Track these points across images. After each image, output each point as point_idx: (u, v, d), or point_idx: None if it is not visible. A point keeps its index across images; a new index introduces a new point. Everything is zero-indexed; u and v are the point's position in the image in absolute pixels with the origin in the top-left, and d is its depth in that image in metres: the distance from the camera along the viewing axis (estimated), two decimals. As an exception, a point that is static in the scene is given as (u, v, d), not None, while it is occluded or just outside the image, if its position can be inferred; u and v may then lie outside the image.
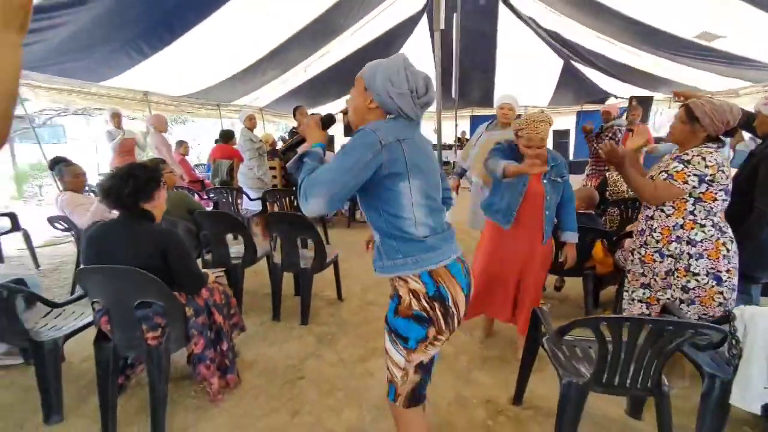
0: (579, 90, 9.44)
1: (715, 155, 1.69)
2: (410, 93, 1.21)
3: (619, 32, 5.40)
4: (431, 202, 1.23)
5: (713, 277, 1.74)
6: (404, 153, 1.16)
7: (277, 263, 2.92)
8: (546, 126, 2.01)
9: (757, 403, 1.40)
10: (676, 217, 1.79)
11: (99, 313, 1.81)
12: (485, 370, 2.32)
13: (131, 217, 1.78)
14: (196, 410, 2.01)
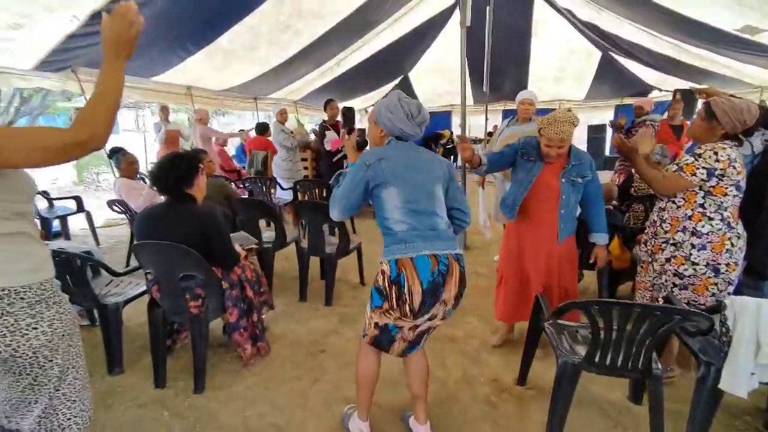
0: (618, 83, 9.08)
1: (729, 151, 1.74)
2: (406, 116, 1.55)
3: (660, 24, 5.23)
4: (411, 205, 1.50)
5: (712, 269, 1.80)
6: (383, 168, 1.50)
7: (304, 248, 3.18)
8: (568, 127, 1.97)
9: (744, 389, 1.48)
10: (685, 209, 1.86)
11: (151, 283, 2.12)
12: (494, 353, 2.47)
13: (176, 200, 2.07)
14: (230, 372, 2.29)
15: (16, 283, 1.08)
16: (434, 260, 1.47)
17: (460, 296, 1.56)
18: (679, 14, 4.50)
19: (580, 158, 2.11)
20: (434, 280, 1.47)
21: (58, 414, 1.21)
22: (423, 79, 9.67)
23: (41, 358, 1.14)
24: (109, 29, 1.03)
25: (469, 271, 3.80)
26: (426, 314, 1.52)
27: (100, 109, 1.03)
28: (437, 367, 2.32)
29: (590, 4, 5.94)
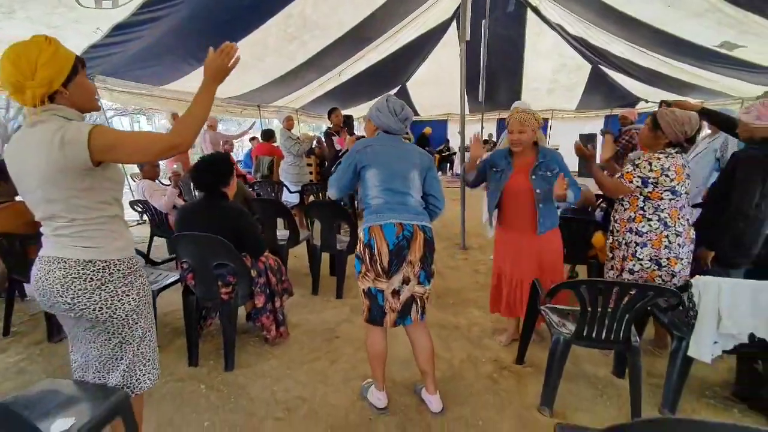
0: (608, 94, 9.53)
1: (663, 161, 2.02)
2: (390, 114, 1.88)
3: (645, 40, 5.63)
4: (387, 184, 1.84)
5: (655, 263, 2.10)
6: (368, 153, 1.86)
7: (316, 245, 3.43)
8: (523, 114, 2.21)
9: (708, 355, 1.76)
10: (630, 211, 2.17)
11: (186, 272, 2.35)
12: (494, 338, 2.73)
13: (212, 197, 2.32)
14: (255, 354, 2.53)
15: (114, 257, 1.34)
16: (400, 227, 1.79)
17: (426, 259, 1.84)
18: (662, 31, 4.89)
19: (545, 155, 2.28)
20: (399, 243, 1.78)
21: (136, 370, 1.45)
22: (420, 89, 10.05)
23: (131, 320, 1.39)
24: (213, 61, 1.32)
25: (470, 269, 4.11)
26: (397, 273, 1.81)
27: (193, 120, 1.30)
28: (444, 350, 2.58)
29: (580, 21, 6.34)
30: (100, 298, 1.31)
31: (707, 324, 1.76)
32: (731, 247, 2.18)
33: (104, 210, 1.32)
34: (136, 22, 3.87)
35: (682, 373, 1.90)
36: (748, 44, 4.38)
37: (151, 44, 4.38)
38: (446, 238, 5.12)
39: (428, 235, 1.86)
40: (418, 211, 1.86)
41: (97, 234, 1.31)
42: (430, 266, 1.89)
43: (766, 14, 3.53)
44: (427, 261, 1.85)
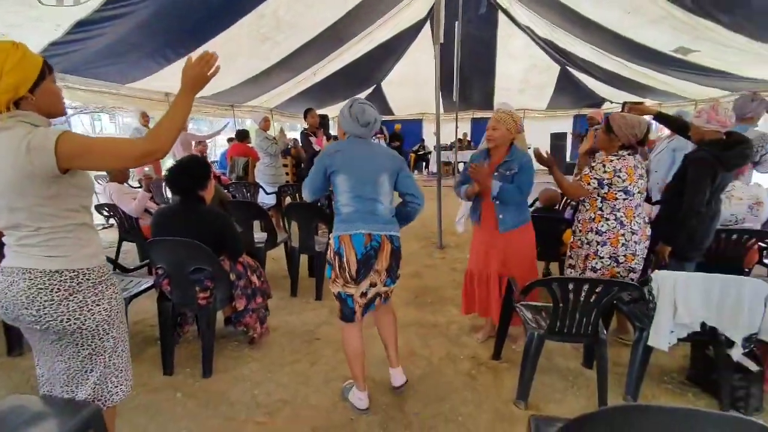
0: (576, 95, 9.91)
1: (615, 163, 2.16)
2: (352, 119, 1.89)
3: (606, 44, 5.90)
4: (356, 191, 1.87)
5: (613, 260, 2.24)
6: (336, 159, 1.88)
7: (294, 247, 3.43)
8: (499, 114, 2.32)
9: (665, 344, 1.90)
10: (590, 212, 2.31)
11: (161, 277, 2.32)
12: (472, 336, 2.82)
13: (189, 200, 2.29)
14: (234, 359, 2.52)
15: (82, 265, 1.31)
16: (368, 237, 1.85)
17: (393, 267, 1.94)
18: (622, 36, 5.14)
19: (512, 156, 2.33)
20: (366, 252, 1.85)
21: (107, 382, 1.42)
22: (395, 88, 10.13)
23: (101, 330, 1.36)
24: (192, 69, 1.31)
25: (447, 268, 4.20)
26: (365, 279, 1.90)
27: (169, 127, 1.29)
28: (423, 348, 2.65)
29: (547, 24, 6.57)
30: (68, 309, 1.28)
31: (665, 315, 1.89)
32: (686, 242, 2.35)
33: (71, 218, 1.29)
34: (99, 19, 3.74)
35: (643, 362, 2.04)
36: (701, 49, 4.66)
37: (115, 41, 4.23)
38: (423, 237, 5.20)
39: (395, 245, 1.92)
40: (387, 219, 1.91)
41: (65, 242, 1.27)
42: (396, 272, 1.99)
43: (717, 20, 3.78)
44: (393, 269, 1.94)
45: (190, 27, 4.66)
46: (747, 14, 3.44)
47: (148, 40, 4.60)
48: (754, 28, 3.64)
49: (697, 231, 2.32)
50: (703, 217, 2.29)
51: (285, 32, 5.49)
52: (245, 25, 4.92)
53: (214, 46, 5.02)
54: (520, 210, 2.41)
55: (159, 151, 1.27)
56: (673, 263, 2.39)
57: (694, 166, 2.27)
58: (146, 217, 3.55)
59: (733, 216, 2.68)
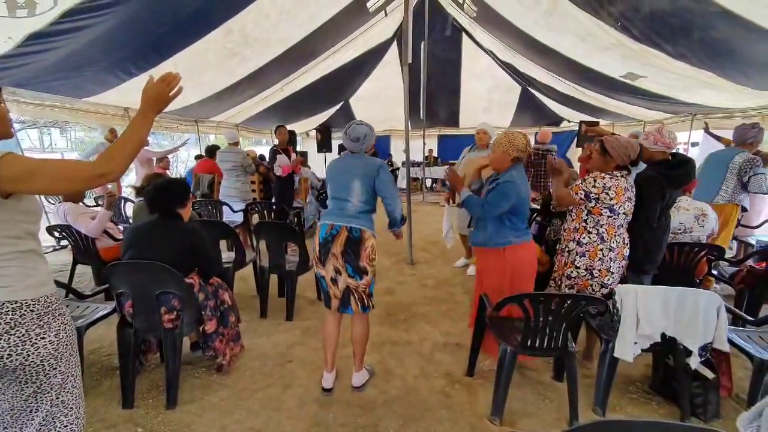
0: (536, 113, 10.40)
1: (605, 181, 2.28)
2: (346, 136, 2.32)
3: (562, 70, 6.27)
4: (334, 193, 2.33)
5: (589, 273, 2.36)
6: (327, 171, 2.41)
7: (264, 266, 3.34)
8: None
9: (630, 355, 1.99)
10: (575, 223, 2.43)
11: (123, 301, 2.19)
12: (445, 352, 2.84)
13: (166, 218, 2.24)
14: (201, 387, 2.39)
15: (26, 296, 1.22)
16: (330, 226, 2.25)
17: (348, 254, 2.21)
18: (576, 62, 5.48)
19: (502, 175, 2.38)
20: (326, 237, 2.25)
21: (56, 422, 1.31)
22: (363, 105, 10.24)
23: (47, 366, 1.26)
24: (153, 89, 1.27)
25: (418, 284, 4.23)
26: (327, 262, 2.24)
27: (123, 149, 1.23)
28: (398, 367, 2.63)
29: (508, 49, 6.91)
30: (9, 344, 1.18)
31: (628, 327, 1.99)
32: (640, 255, 2.49)
33: (15, 245, 1.21)
34: (55, 32, 3.56)
35: (610, 373, 2.13)
36: (647, 75, 5.04)
37: (72, 54, 4.04)
38: (394, 253, 5.22)
39: (353, 235, 2.21)
40: (352, 214, 2.26)
41: (7, 272, 1.19)
42: (356, 261, 2.22)
43: (662, 49, 4.11)
44: (349, 256, 2.22)
45: (154, 41, 4.54)
46: (687, 44, 3.77)
47: (109, 54, 4.43)
48: (694, 57, 3.99)
49: (650, 244, 2.48)
50: (655, 231, 2.45)
51: (253, 47, 5.46)
52: (212, 41, 4.84)
53: (179, 60, 4.91)
54: (498, 231, 2.36)
55: (112, 173, 1.22)
56: (631, 276, 2.53)
57: (645, 184, 2.43)
58: (103, 238, 3.36)
59: (682, 225, 2.88)
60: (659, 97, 5.57)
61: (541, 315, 1.99)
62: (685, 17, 3.34)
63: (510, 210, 2.32)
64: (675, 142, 2.44)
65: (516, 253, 2.38)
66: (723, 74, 4.15)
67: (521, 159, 2.38)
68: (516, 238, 2.37)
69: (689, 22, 3.38)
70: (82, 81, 4.77)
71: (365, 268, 2.24)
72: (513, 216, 2.35)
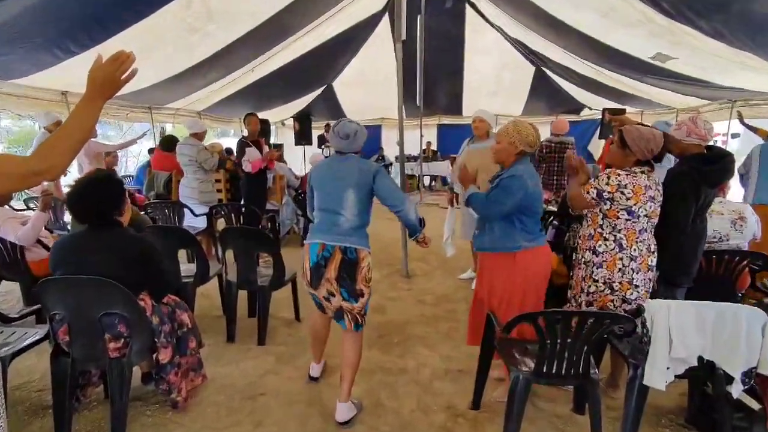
0: (552, 99, 10.49)
1: (621, 178, 2.31)
2: (334, 134, 2.37)
3: (581, 50, 6.35)
4: (322, 204, 2.38)
5: (608, 287, 2.38)
6: (312, 176, 2.49)
7: (231, 281, 3.31)
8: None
9: (662, 382, 2.00)
10: (590, 229, 2.45)
11: (58, 324, 2.15)
12: (446, 380, 2.84)
13: (103, 226, 2.17)
14: (153, 426, 2.36)
15: None
16: (322, 247, 2.30)
17: (343, 279, 2.27)
18: (598, 41, 5.55)
19: (509, 170, 2.41)
20: (317, 261, 2.30)
21: None
22: (349, 89, 10.25)
23: None
24: (101, 70, 1.24)
25: (414, 300, 4.23)
26: (318, 286, 2.34)
27: (65, 143, 1.20)
28: (391, 399, 2.62)
29: (518, 25, 6.96)
30: None
31: (660, 349, 2.00)
32: (672, 265, 2.52)
33: None
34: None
35: (640, 403, 2.13)
36: (679, 56, 5.13)
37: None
38: (386, 264, 5.22)
39: (348, 256, 2.27)
40: (345, 231, 2.30)
41: None
42: (352, 285, 2.30)
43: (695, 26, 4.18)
44: (345, 280, 2.28)
45: (99, 14, 4.50)
46: (724, 20, 3.85)
47: (43, 29, 4.37)
48: (731, 35, 4.07)
49: (683, 252, 2.50)
50: (688, 237, 2.47)
51: (217, 22, 5.43)
52: (169, 13, 4.81)
53: (129, 37, 4.86)
54: (507, 233, 2.40)
55: (51, 171, 1.19)
56: (663, 289, 2.55)
57: (677, 181, 2.46)
58: (34, 249, 3.30)
59: (717, 232, 2.92)
60: (694, 81, 5.67)
61: (558, 336, 1.99)
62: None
63: (519, 209, 2.36)
64: (711, 134, 2.48)
65: (527, 259, 2.41)
66: (765, 55, 4.23)
67: (528, 154, 2.42)
68: (528, 242, 2.40)
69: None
70: (9, 60, 4.70)
71: (362, 290, 2.32)
72: (524, 216, 2.39)
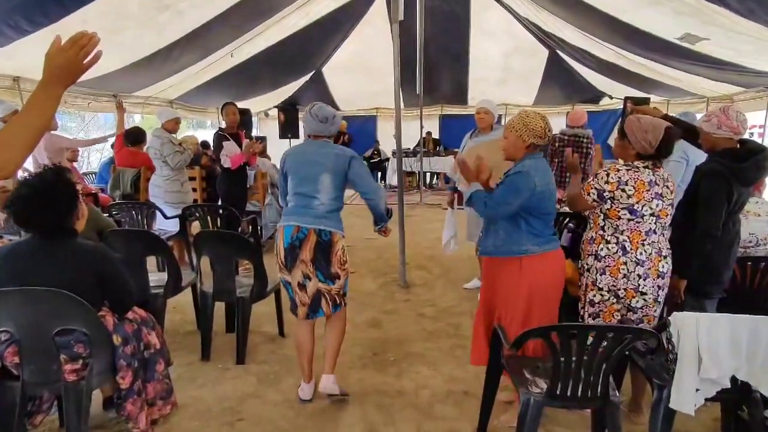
0: (568, 87, 10.50)
1: (621, 173, 2.32)
2: (312, 117, 2.67)
3: (601, 30, 6.38)
4: (297, 188, 2.67)
5: (613, 294, 2.39)
6: (286, 161, 2.78)
7: (206, 291, 3.30)
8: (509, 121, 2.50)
9: (690, 406, 2.00)
10: (592, 231, 2.47)
11: (4, 345, 2.13)
12: (448, 404, 2.84)
13: (54, 235, 2.15)
14: (118, 459, 2.34)
15: None
16: (296, 229, 2.58)
17: (318, 261, 2.59)
18: (618, 20, 5.58)
19: (517, 166, 2.45)
20: (292, 243, 2.59)
21: None
22: (340, 76, 10.27)
23: None
24: (60, 54, 1.22)
25: (413, 313, 4.25)
26: (293, 268, 2.62)
27: (20, 136, 1.19)
28: (386, 425, 2.62)
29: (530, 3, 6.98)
30: None
31: (687, 368, 2.00)
32: (701, 273, 2.53)
33: None
34: None
35: (665, 430, 2.14)
36: (710, 37, 5.16)
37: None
38: (382, 272, 5.22)
39: (323, 238, 2.59)
40: (320, 214, 2.61)
41: None
42: (328, 268, 2.62)
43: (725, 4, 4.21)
44: (320, 263, 2.60)
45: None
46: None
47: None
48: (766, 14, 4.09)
49: (713, 259, 2.51)
50: (719, 243, 2.48)
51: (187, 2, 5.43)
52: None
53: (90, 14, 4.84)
54: (512, 235, 2.42)
55: (5, 168, 1.17)
56: (690, 301, 2.56)
57: (706, 180, 2.46)
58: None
59: (753, 236, 2.93)
60: (726, 65, 5.70)
61: (574, 353, 1.99)
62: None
63: (527, 210, 2.37)
64: (745, 126, 2.49)
65: (535, 265, 2.41)
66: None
67: (540, 146, 2.44)
68: (536, 246, 2.41)
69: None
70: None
71: (337, 273, 2.66)
72: (532, 217, 2.40)
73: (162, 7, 5.40)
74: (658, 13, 5.10)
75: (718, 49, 5.42)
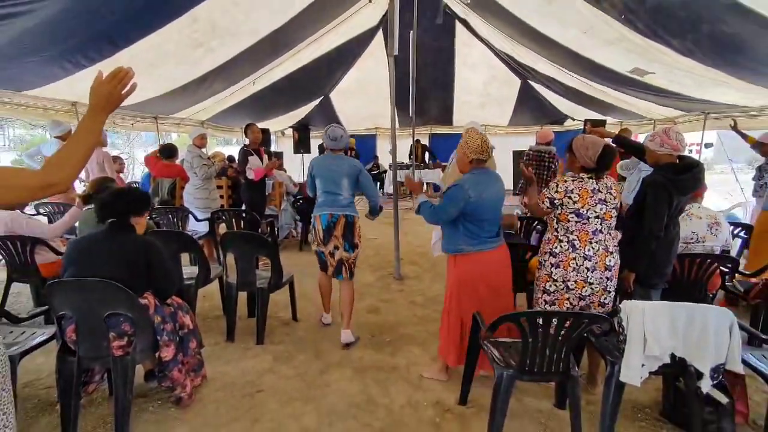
0: (537, 110, 10.57)
1: (567, 184, 2.37)
2: (326, 136, 3.24)
3: (566, 62, 6.43)
4: (325, 187, 3.21)
5: (564, 286, 2.42)
6: (314, 167, 3.31)
7: (232, 283, 3.31)
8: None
9: (637, 378, 2.02)
10: (548, 233, 2.52)
11: (66, 324, 2.15)
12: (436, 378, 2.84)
13: (118, 228, 2.24)
14: (156, 423, 2.36)
15: None
16: (330, 215, 3.14)
17: (346, 234, 3.15)
18: (581, 56, 5.63)
19: (460, 180, 2.55)
20: (329, 224, 3.14)
21: None
22: (345, 100, 10.27)
23: None
24: (102, 86, 1.26)
25: (406, 301, 4.24)
26: (328, 242, 3.15)
27: (74, 155, 1.23)
28: (382, 396, 2.63)
29: (507, 39, 7.04)
30: None
31: (635, 347, 2.03)
32: (647, 268, 2.55)
33: None
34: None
35: (617, 399, 2.16)
36: (655, 71, 5.20)
37: (9, 43, 3.98)
38: (379, 266, 5.22)
39: (349, 220, 3.17)
40: (344, 204, 3.18)
41: None
42: (352, 239, 3.19)
43: (668, 44, 4.25)
44: (347, 236, 3.16)
45: (105, 29, 4.50)
46: (696, 39, 3.91)
47: (53, 43, 4.36)
48: (703, 54, 4.13)
49: (657, 256, 2.54)
50: (662, 242, 2.51)
51: (221, 38, 5.46)
52: (174, 30, 4.82)
53: (135, 51, 4.87)
54: (450, 236, 2.61)
55: (61, 183, 1.21)
56: (639, 290, 2.59)
57: (651, 190, 2.49)
58: (43, 252, 3.30)
59: (694, 234, 2.96)
60: (670, 94, 5.74)
61: (540, 335, 2.01)
62: (694, 9, 3.47)
63: (464, 216, 2.48)
64: (683, 144, 2.52)
65: (465, 262, 2.56)
66: (734, 72, 4.30)
67: (483, 161, 2.53)
68: (469, 246, 2.53)
69: (697, 14, 3.51)
70: (22, 72, 4.70)
71: (357, 243, 3.24)
72: (468, 222, 2.50)
73: (196, 45, 5.42)
74: (612, 52, 5.14)
75: (662, 80, 5.46)
